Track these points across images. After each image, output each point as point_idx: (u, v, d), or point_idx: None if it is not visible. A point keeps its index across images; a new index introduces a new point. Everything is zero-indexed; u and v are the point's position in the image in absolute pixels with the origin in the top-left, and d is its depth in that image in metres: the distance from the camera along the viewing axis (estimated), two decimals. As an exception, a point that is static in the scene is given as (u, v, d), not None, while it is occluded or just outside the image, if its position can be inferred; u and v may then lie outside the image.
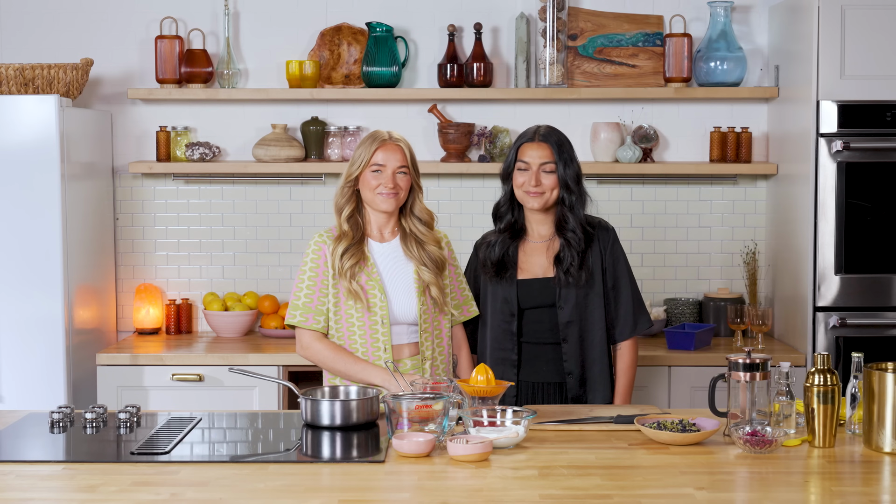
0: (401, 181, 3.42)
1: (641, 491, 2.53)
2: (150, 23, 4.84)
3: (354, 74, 4.83)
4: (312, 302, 3.42)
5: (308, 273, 3.44)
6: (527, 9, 4.81)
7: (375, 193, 3.41)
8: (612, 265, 3.59)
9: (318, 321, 3.43)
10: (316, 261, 3.44)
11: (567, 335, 3.54)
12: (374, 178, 3.41)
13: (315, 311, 3.42)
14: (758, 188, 4.86)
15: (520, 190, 3.55)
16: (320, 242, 3.45)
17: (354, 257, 3.40)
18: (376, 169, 3.41)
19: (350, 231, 3.43)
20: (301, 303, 3.43)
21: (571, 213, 3.54)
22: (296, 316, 3.43)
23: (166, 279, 4.91)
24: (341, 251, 3.40)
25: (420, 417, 2.85)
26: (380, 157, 3.42)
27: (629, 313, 3.60)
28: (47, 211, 4.28)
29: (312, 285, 3.43)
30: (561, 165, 3.52)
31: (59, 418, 3.13)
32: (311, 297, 3.43)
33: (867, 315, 4.33)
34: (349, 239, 3.41)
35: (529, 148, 3.56)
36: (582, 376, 3.56)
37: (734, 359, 2.95)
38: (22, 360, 4.29)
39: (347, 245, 3.40)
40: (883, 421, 2.80)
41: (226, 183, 4.89)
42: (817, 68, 4.27)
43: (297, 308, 3.43)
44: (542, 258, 3.59)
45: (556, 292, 3.54)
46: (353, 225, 3.44)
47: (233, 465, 2.75)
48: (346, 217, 3.44)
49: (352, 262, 3.39)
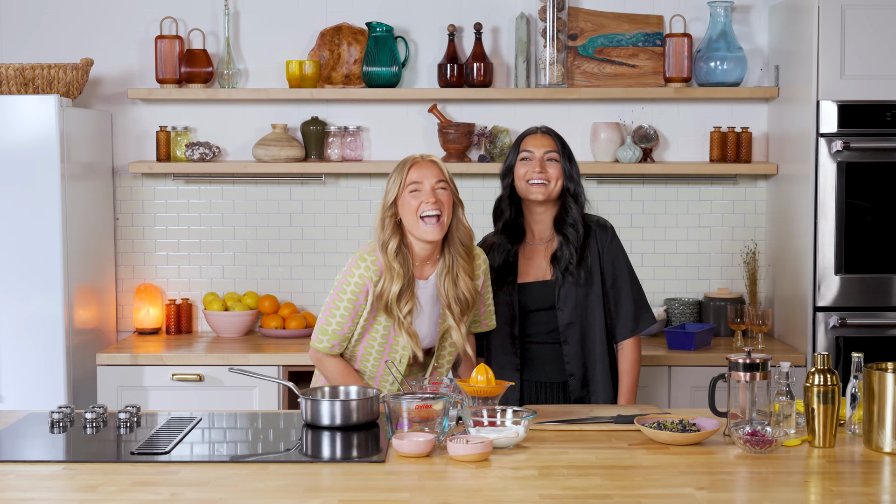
0: (442, 197, 3.26)
1: (641, 491, 2.53)
2: (150, 23, 4.84)
3: (354, 74, 4.83)
4: (342, 331, 3.35)
5: (345, 304, 3.32)
6: (527, 9, 4.81)
7: (418, 216, 3.24)
8: (611, 264, 3.58)
9: (343, 347, 3.39)
10: (356, 293, 3.31)
11: (567, 337, 3.54)
12: (413, 198, 3.24)
13: (342, 339, 3.37)
14: (758, 188, 4.86)
15: (522, 182, 3.53)
16: (367, 278, 3.29)
17: (409, 304, 3.29)
18: (414, 188, 3.25)
19: (401, 270, 3.27)
20: (332, 329, 3.35)
21: (576, 203, 3.53)
22: (323, 341, 3.36)
23: (166, 279, 4.91)
24: (396, 294, 3.26)
25: (420, 417, 2.85)
26: (415, 174, 3.26)
27: (630, 311, 3.59)
28: (47, 211, 4.28)
29: (346, 315, 3.33)
30: (564, 159, 3.54)
31: (59, 418, 3.13)
32: (343, 325, 3.34)
33: (867, 315, 4.33)
34: (401, 279, 3.26)
35: (533, 139, 3.57)
36: (584, 377, 3.56)
37: (734, 359, 2.95)
38: (22, 360, 4.29)
39: (401, 287, 3.26)
40: (883, 421, 2.80)
41: (226, 183, 4.89)
42: (817, 68, 4.27)
43: (325, 333, 3.36)
44: (541, 260, 3.59)
45: (555, 294, 3.54)
46: (402, 262, 3.28)
47: (233, 465, 2.75)
48: (393, 253, 3.27)
49: (408, 308, 3.29)
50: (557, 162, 3.52)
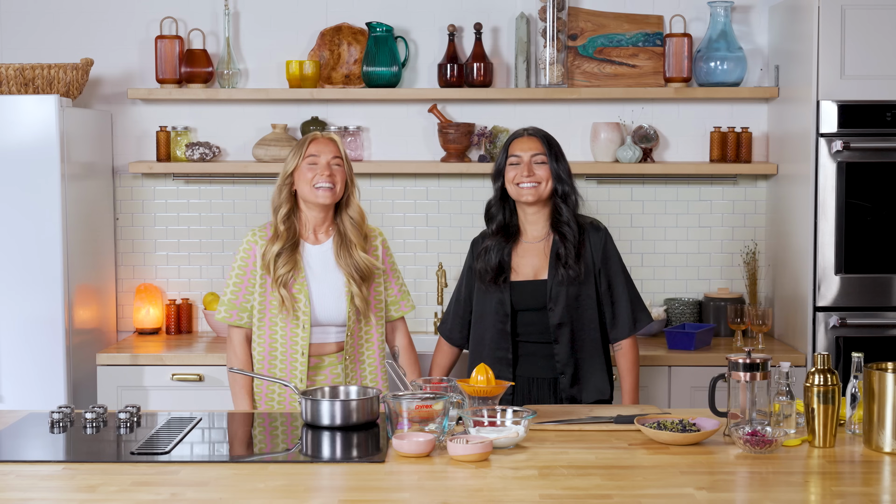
0: (336, 172, 3.49)
1: (641, 491, 2.53)
2: (150, 23, 4.84)
3: (354, 74, 4.83)
4: (238, 299, 3.54)
5: (236, 271, 3.55)
6: (527, 9, 4.81)
7: (312, 186, 3.47)
8: (605, 265, 3.59)
9: (241, 318, 3.54)
10: (245, 259, 3.54)
11: (558, 336, 3.55)
12: (309, 170, 3.49)
13: (239, 308, 3.54)
14: (758, 188, 4.86)
15: (512, 185, 3.57)
16: (252, 242, 3.55)
17: (288, 265, 3.47)
18: (312, 161, 3.48)
19: (285, 232, 3.50)
20: (227, 299, 3.56)
21: (565, 203, 3.56)
22: (221, 311, 3.57)
23: (166, 279, 4.91)
24: (275, 253, 3.47)
25: (420, 417, 2.85)
26: (313, 149, 3.52)
27: (627, 311, 3.60)
28: (47, 211, 4.28)
29: (239, 283, 3.54)
30: (552, 159, 3.56)
31: (59, 418, 3.13)
32: (237, 294, 3.54)
33: (867, 315, 4.33)
34: (283, 240, 3.48)
35: (519, 142, 3.61)
36: (574, 375, 3.56)
37: (734, 359, 2.95)
38: (22, 360, 4.29)
39: (281, 247, 3.47)
40: (883, 421, 2.80)
41: (226, 183, 4.89)
42: (817, 68, 4.27)
43: (223, 304, 3.57)
44: (534, 259, 3.60)
45: (547, 294, 3.54)
46: (289, 226, 3.51)
47: (233, 465, 2.75)
48: (282, 217, 3.52)
49: (285, 269, 3.47)
50: (545, 164, 3.55)
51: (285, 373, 3.49)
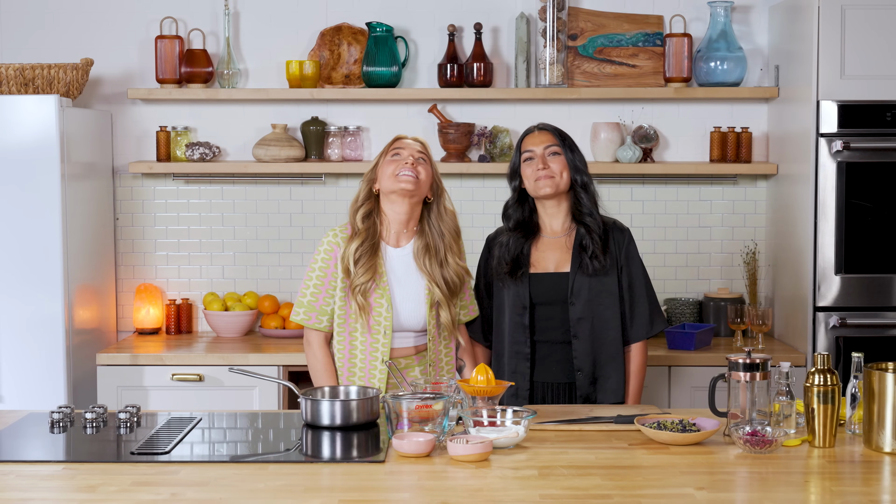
0: (420, 165, 3.38)
1: (641, 491, 2.53)
2: (150, 23, 4.84)
3: (354, 74, 4.83)
4: (318, 301, 3.43)
5: (317, 272, 3.43)
6: (527, 9, 4.81)
7: (394, 175, 3.35)
8: (628, 265, 3.58)
9: (320, 321, 3.44)
10: (326, 260, 3.42)
11: (578, 332, 3.52)
12: (392, 163, 3.37)
13: (319, 311, 3.43)
14: (758, 188, 4.86)
15: (530, 181, 3.55)
16: (333, 242, 3.42)
17: (368, 273, 3.34)
18: (395, 153, 3.39)
19: (364, 231, 3.37)
20: (307, 301, 3.44)
21: (586, 192, 3.55)
22: (300, 314, 3.45)
23: (166, 279, 4.91)
24: (355, 254, 3.34)
25: (420, 417, 2.85)
26: (397, 144, 3.43)
27: (646, 313, 3.59)
28: (47, 211, 4.28)
29: (320, 284, 3.43)
30: (567, 150, 3.56)
31: (59, 418, 3.13)
32: (318, 296, 3.43)
33: (867, 315, 4.33)
34: (361, 238, 3.36)
35: (531, 138, 3.60)
36: (593, 375, 3.54)
37: (734, 359, 2.95)
38: (22, 360, 4.29)
39: (359, 245, 3.35)
40: (883, 421, 2.80)
41: (226, 183, 4.89)
42: (817, 68, 4.27)
43: (301, 306, 3.45)
44: (555, 253, 3.58)
45: (569, 287, 3.53)
46: (368, 226, 3.39)
47: (233, 465, 2.75)
48: (362, 215, 3.40)
49: (364, 278, 3.34)
50: (560, 154, 3.55)
51: (364, 380, 3.42)
